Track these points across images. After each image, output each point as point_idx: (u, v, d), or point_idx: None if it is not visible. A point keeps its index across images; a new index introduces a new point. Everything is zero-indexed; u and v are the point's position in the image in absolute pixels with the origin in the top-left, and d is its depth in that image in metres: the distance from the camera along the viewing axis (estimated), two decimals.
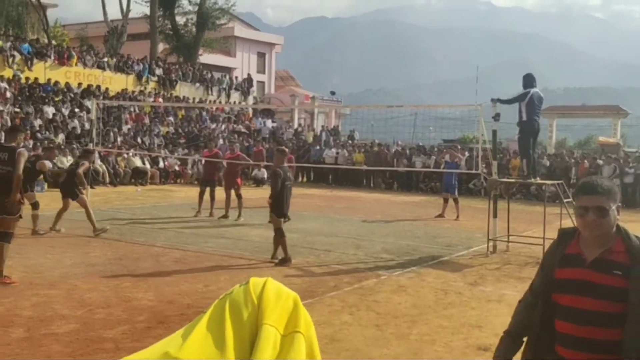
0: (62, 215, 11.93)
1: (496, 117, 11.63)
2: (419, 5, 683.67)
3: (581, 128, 49.02)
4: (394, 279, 8.89)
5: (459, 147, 25.46)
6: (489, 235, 11.23)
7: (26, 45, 28.97)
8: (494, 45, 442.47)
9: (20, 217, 8.23)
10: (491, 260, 10.64)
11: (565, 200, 11.11)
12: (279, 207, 9.72)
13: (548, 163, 24.19)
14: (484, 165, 16.72)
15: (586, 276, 2.51)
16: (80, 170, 12.07)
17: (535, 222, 14.05)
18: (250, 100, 39.96)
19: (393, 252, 11.07)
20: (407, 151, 27.54)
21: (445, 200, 16.64)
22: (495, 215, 11.40)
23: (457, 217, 16.18)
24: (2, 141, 8.50)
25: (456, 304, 7.61)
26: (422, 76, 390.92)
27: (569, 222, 11.23)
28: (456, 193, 16.69)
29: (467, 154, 24.44)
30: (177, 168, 25.80)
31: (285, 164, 10.10)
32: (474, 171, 18.26)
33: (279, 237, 9.69)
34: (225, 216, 14.65)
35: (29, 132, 20.97)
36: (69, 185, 12.04)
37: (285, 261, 9.58)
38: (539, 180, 12.74)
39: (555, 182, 12.13)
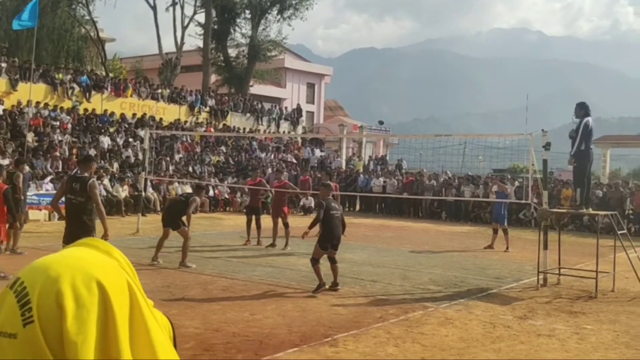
0: (162, 245, 11.83)
1: (547, 146, 11.47)
2: (469, 36, 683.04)
3: (636, 158, 47.79)
4: (441, 311, 8.78)
5: (509, 176, 25.15)
6: (539, 267, 10.98)
7: (84, 77, 30.01)
8: (545, 75, 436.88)
9: None
10: (541, 294, 10.38)
11: (619, 232, 10.84)
12: (324, 239, 9.80)
13: (601, 193, 23.59)
14: (534, 195, 16.50)
15: None
16: (191, 208, 11.74)
17: (587, 254, 13.67)
18: (300, 130, 40.38)
19: (440, 284, 10.93)
20: (456, 180, 27.31)
21: (495, 231, 16.34)
22: (545, 247, 11.15)
23: (507, 248, 15.89)
24: (77, 171, 8.83)
25: (505, 338, 7.45)
26: (471, 106, 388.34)
27: (622, 255, 10.97)
28: (506, 223, 16.37)
29: (517, 183, 24.09)
30: (226, 196, 26.20)
31: (330, 197, 10.19)
32: (524, 201, 18.02)
33: (313, 265, 9.79)
34: (273, 245, 14.75)
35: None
36: (173, 216, 11.83)
37: (319, 287, 9.64)
38: (591, 211, 12.46)
39: (609, 213, 11.80)
